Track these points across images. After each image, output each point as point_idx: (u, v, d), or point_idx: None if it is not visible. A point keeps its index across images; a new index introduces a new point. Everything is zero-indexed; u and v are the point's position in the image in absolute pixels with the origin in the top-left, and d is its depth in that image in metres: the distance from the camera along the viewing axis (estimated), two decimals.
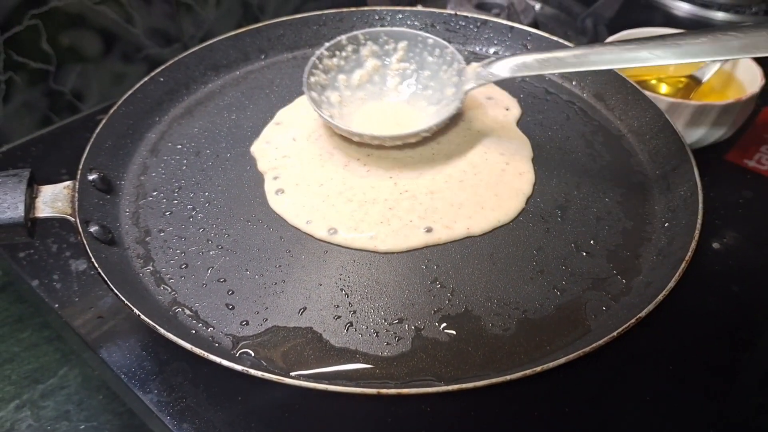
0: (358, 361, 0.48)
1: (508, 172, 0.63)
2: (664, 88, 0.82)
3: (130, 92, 0.68)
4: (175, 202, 0.61)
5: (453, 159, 0.64)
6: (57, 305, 0.62)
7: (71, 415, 0.63)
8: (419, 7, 0.84)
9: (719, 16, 1.11)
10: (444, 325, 0.51)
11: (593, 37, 0.97)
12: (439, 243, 0.56)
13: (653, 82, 0.83)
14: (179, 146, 0.67)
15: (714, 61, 0.81)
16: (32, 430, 0.62)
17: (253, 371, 0.43)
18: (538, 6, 1.07)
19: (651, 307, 0.46)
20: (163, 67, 0.72)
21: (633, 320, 0.46)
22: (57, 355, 0.68)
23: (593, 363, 0.53)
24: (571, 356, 0.44)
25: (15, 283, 0.72)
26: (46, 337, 0.69)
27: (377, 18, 0.83)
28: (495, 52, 0.81)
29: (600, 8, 0.99)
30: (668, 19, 1.12)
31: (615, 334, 0.45)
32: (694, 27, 0.86)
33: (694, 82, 0.81)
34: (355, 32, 0.69)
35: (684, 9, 1.14)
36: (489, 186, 0.61)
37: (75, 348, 0.66)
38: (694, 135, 0.74)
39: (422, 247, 0.56)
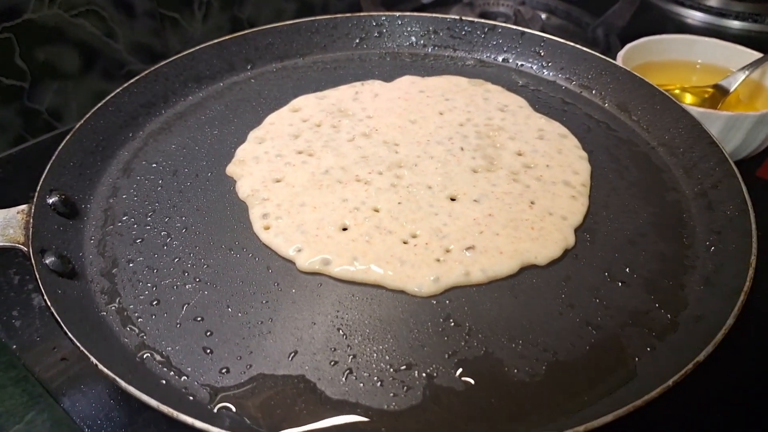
0: (360, 416, 0.42)
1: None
2: (688, 99, 0.76)
3: (100, 104, 0.62)
4: (148, 227, 0.55)
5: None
6: (15, 346, 0.56)
7: None
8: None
9: (735, 24, 1.08)
10: (460, 371, 0.44)
11: (605, 47, 0.91)
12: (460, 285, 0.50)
13: (676, 91, 0.77)
14: (154, 165, 0.61)
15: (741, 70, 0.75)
16: None
17: None
18: (544, 16, 1.02)
19: (710, 348, 0.40)
20: (138, 77, 0.67)
21: (690, 365, 0.39)
22: (24, 398, 0.61)
23: (637, 415, 0.45)
24: (620, 412, 0.37)
25: None
26: (12, 377, 0.63)
27: (374, 24, 0.78)
28: (504, 60, 0.75)
29: (611, 17, 0.94)
30: (681, 28, 1.08)
31: (671, 383, 0.38)
32: (708, 36, 0.80)
33: (720, 92, 0.76)
34: None
35: (698, 18, 1.10)
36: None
37: (42, 391, 0.60)
38: (725, 149, 0.68)
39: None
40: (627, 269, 0.51)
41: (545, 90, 0.71)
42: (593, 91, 0.71)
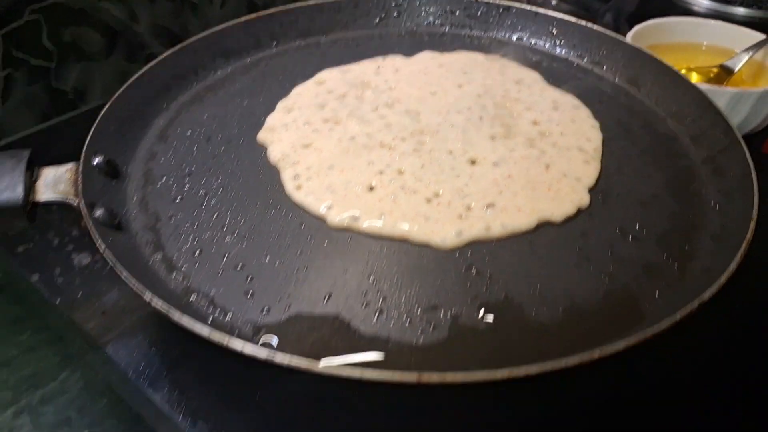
0: (390, 350, 0.44)
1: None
2: (694, 78, 0.79)
3: (135, 76, 0.64)
4: (186, 188, 0.57)
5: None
6: (59, 301, 0.57)
7: (73, 422, 0.58)
8: None
9: (740, 11, 1.09)
10: (482, 311, 0.46)
11: (614, 31, 0.94)
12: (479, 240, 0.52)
13: (683, 71, 0.79)
14: (189, 132, 0.63)
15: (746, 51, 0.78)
16: None
17: (279, 358, 0.39)
18: (554, 2, 1.04)
19: (714, 289, 0.42)
20: (170, 51, 0.68)
21: (696, 302, 0.41)
22: (57, 358, 0.63)
23: (646, 355, 0.48)
24: (631, 340, 0.39)
25: (12, 283, 0.68)
26: (45, 339, 0.65)
27: (394, 4, 0.80)
28: (518, 38, 0.78)
29: (620, 2, 0.97)
30: (687, 14, 1.08)
31: (678, 317, 0.41)
32: None
33: (725, 72, 0.78)
34: None
35: (704, 5, 1.11)
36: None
37: (76, 351, 0.62)
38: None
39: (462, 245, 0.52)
40: (638, 226, 0.53)
41: (558, 66, 0.74)
42: (604, 68, 0.73)
